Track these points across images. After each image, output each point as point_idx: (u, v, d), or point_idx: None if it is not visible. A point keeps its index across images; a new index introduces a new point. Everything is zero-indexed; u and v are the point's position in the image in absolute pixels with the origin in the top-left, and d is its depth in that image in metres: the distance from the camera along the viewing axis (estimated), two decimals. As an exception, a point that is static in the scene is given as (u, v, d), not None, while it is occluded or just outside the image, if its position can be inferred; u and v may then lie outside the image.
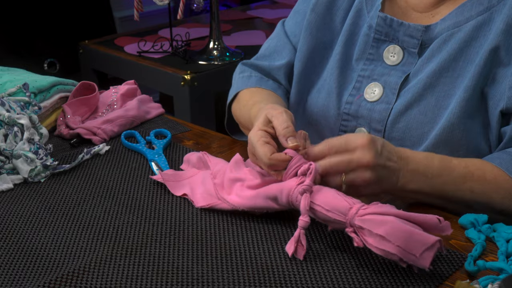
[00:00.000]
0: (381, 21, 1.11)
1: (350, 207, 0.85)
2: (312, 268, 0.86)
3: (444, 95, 1.04)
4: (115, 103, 1.34)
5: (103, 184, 1.09)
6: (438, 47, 1.06)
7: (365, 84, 1.12)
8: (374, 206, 0.85)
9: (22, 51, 2.75)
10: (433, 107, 1.05)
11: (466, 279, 0.83)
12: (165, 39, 2.38)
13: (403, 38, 1.09)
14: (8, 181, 1.08)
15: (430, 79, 1.05)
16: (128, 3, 3.20)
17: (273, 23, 2.69)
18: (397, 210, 0.84)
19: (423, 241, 0.80)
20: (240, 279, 0.84)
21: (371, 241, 0.82)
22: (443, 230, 0.83)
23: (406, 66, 1.10)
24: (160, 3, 2.13)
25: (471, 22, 1.04)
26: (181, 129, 1.30)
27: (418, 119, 1.05)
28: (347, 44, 1.15)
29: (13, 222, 0.98)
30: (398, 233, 0.80)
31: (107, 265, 0.87)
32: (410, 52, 1.09)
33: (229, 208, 0.98)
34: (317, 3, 1.20)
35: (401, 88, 1.09)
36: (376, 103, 1.10)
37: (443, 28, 1.06)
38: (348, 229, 0.85)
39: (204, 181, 1.03)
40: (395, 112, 1.08)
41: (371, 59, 1.13)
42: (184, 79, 2.13)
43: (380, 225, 0.81)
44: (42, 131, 1.17)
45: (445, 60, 1.05)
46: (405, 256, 0.80)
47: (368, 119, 1.10)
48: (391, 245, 0.80)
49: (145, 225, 0.96)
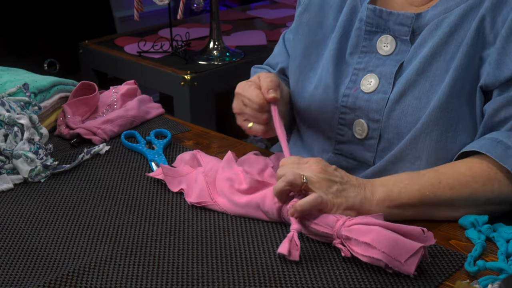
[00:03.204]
0: (371, 12, 1.11)
1: (337, 220, 0.89)
2: (312, 268, 0.86)
3: (438, 79, 1.05)
4: (115, 103, 1.34)
5: (103, 184, 1.09)
6: (429, 33, 1.07)
7: (361, 76, 1.13)
8: (360, 217, 0.88)
9: (22, 51, 2.76)
10: (427, 91, 1.05)
11: (466, 279, 0.83)
12: (165, 39, 2.38)
13: (394, 27, 1.10)
14: (8, 181, 1.08)
15: (423, 64, 1.06)
16: (128, 3, 3.21)
17: (273, 23, 2.69)
18: (383, 221, 0.86)
19: (408, 247, 0.82)
20: (240, 279, 0.84)
21: (357, 249, 0.85)
22: (426, 240, 0.85)
23: (399, 55, 1.10)
24: (160, 3, 2.13)
25: (461, 6, 1.05)
26: (181, 129, 1.30)
27: (413, 105, 1.06)
28: (341, 40, 1.16)
29: (13, 222, 0.98)
30: (383, 240, 0.83)
31: (107, 265, 0.87)
32: (402, 40, 1.10)
33: (219, 210, 0.99)
34: (310, 3, 1.21)
35: (396, 76, 1.09)
36: (373, 93, 1.11)
37: (435, 14, 1.07)
38: (336, 241, 0.89)
39: (198, 179, 1.04)
40: (391, 100, 1.08)
41: (365, 52, 1.13)
42: (184, 79, 2.13)
43: (366, 234, 0.85)
44: (42, 131, 1.17)
45: (437, 44, 1.05)
46: (390, 262, 0.83)
47: (365, 110, 1.11)
48: (377, 252, 0.83)
49: (145, 225, 0.96)
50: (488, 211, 0.97)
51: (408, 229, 0.85)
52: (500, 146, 0.96)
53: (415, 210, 0.96)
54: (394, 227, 0.85)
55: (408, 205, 0.96)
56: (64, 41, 2.80)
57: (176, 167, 1.11)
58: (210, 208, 1.00)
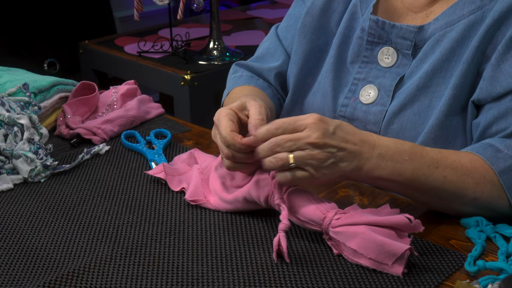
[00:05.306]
0: (373, 23, 1.11)
1: (323, 217, 0.88)
2: (312, 268, 0.86)
3: (438, 96, 1.04)
4: (115, 103, 1.34)
5: (103, 184, 1.09)
6: (431, 47, 1.06)
7: (360, 86, 1.12)
8: (345, 216, 0.87)
9: (22, 51, 2.75)
10: (426, 108, 1.04)
11: (466, 279, 0.83)
12: (165, 39, 2.38)
13: (396, 40, 1.09)
14: (8, 181, 1.08)
15: (424, 80, 1.05)
16: (128, 3, 3.21)
17: (273, 23, 2.68)
18: (368, 217, 0.86)
19: (393, 251, 0.83)
20: (240, 279, 0.84)
21: (345, 252, 0.87)
22: (415, 228, 0.85)
23: (400, 68, 1.09)
24: (160, 3, 2.13)
25: (463, 21, 1.04)
26: (181, 129, 1.30)
27: (412, 120, 1.05)
28: (341, 47, 1.15)
29: (13, 222, 0.98)
30: (369, 245, 0.84)
31: (107, 265, 0.87)
32: (404, 53, 1.09)
33: (212, 208, 1.00)
34: (312, 6, 1.20)
35: (395, 90, 1.09)
36: (371, 105, 1.10)
37: (436, 28, 1.06)
38: (325, 236, 0.90)
39: (193, 176, 1.04)
40: (390, 113, 1.07)
41: (366, 62, 1.13)
42: (184, 79, 2.13)
43: (352, 238, 0.85)
44: (42, 131, 1.17)
45: (438, 60, 1.04)
46: (378, 266, 0.84)
47: (363, 122, 1.10)
48: (363, 258, 0.85)
49: (145, 225, 0.96)
50: (468, 212, 0.95)
51: (396, 220, 0.85)
52: (491, 149, 0.96)
53: (397, 187, 0.94)
54: (381, 222, 0.85)
55: (396, 181, 0.93)
56: (64, 41, 2.80)
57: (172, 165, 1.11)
58: (205, 207, 1.01)
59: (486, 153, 0.95)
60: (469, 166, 0.94)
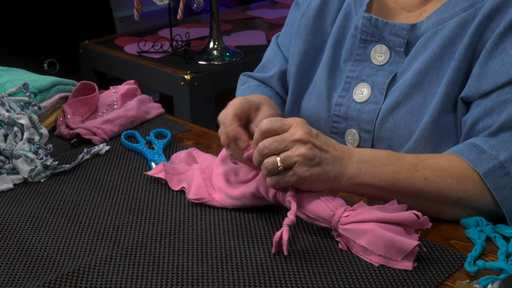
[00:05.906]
0: (366, 21, 1.11)
1: (332, 214, 0.89)
2: (312, 268, 0.86)
3: (431, 93, 1.04)
4: (115, 103, 1.34)
5: (103, 184, 1.09)
6: (423, 45, 1.06)
7: (353, 85, 1.12)
8: (354, 213, 0.88)
9: (22, 51, 2.76)
10: (420, 105, 1.05)
11: (466, 279, 0.83)
12: (165, 39, 2.38)
13: (389, 37, 1.09)
14: (8, 181, 1.08)
15: (416, 77, 1.05)
16: (128, 3, 3.21)
17: (273, 23, 2.69)
18: (377, 214, 0.87)
19: (403, 247, 0.84)
20: (240, 279, 0.84)
21: (355, 249, 0.88)
22: (423, 224, 0.87)
23: (393, 66, 1.10)
24: (160, 3, 2.13)
25: (455, 19, 1.04)
26: (181, 129, 1.30)
27: (405, 118, 1.05)
28: (335, 46, 1.15)
29: (13, 222, 0.98)
30: (379, 242, 0.85)
31: (107, 265, 0.87)
32: (396, 51, 1.09)
33: (218, 205, 1.00)
34: (307, 8, 1.20)
35: (389, 87, 1.09)
36: (365, 103, 1.10)
37: (428, 26, 1.06)
38: (334, 233, 0.91)
39: (194, 175, 1.05)
40: (383, 112, 1.08)
41: (359, 60, 1.13)
42: (184, 79, 2.13)
43: (361, 235, 0.86)
44: (42, 131, 1.17)
45: (430, 58, 1.04)
46: (387, 262, 0.86)
47: (357, 120, 1.11)
48: (373, 255, 0.86)
49: (145, 225, 0.96)
50: (459, 214, 0.95)
51: (404, 217, 0.86)
52: (475, 150, 0.95)
53: (382, 193, 0.95)
54: (389, 218, 0.86)
55: (378, 187, 0.94)
56: (64, 41, 2.80)
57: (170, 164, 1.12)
58: (210, 206, 1.01)
59: (470, 155, 0.95)
60: (448, 167, 0.95)
